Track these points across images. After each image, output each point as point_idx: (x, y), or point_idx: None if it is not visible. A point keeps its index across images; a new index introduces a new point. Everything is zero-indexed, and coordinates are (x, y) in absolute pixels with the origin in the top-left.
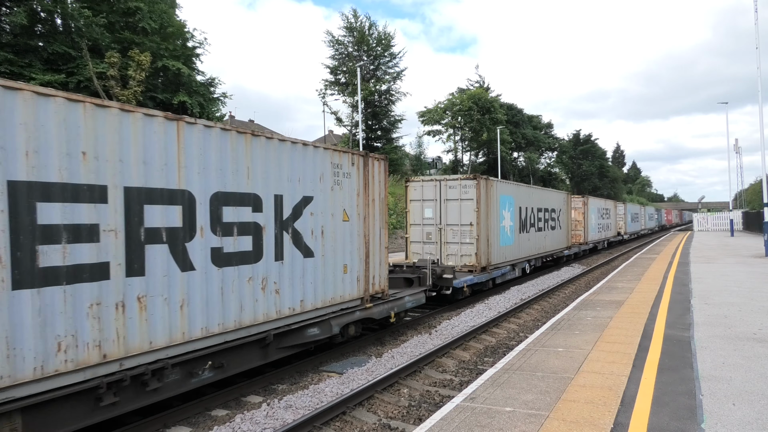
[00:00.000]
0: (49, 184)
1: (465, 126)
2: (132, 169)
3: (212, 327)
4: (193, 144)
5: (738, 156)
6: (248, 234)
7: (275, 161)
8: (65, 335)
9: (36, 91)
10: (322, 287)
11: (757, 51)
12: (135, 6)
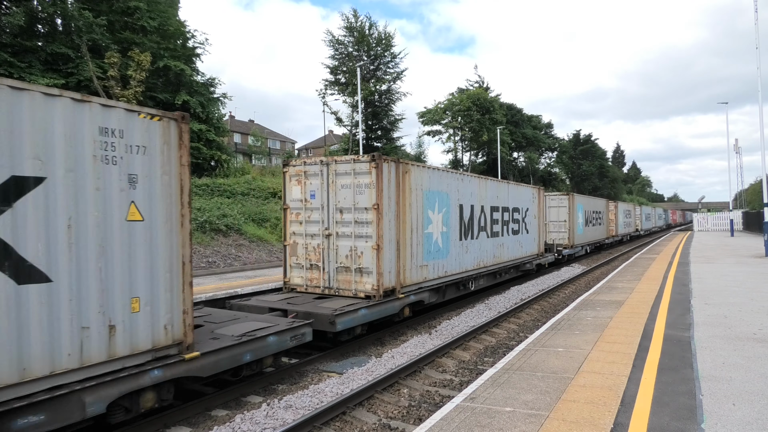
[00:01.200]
0: (493, 206)
1: (465, 126)
2: (502, 199)
3: None
4: (505, 189)
5: (738, 156)
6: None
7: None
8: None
9: None
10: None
11: (757, 51)
12: (134, 5)
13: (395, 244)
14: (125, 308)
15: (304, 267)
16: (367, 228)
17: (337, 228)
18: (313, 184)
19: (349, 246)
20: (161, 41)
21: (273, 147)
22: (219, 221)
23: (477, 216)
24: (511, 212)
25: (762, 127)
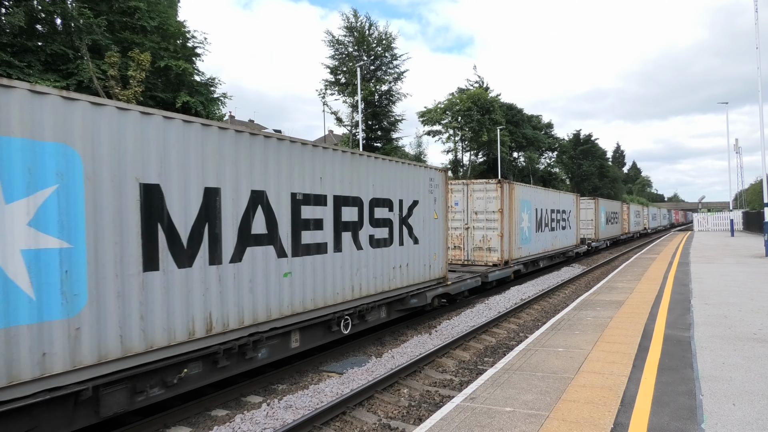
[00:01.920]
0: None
1: (465, 126)
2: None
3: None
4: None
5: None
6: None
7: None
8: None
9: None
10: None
11: (757, 51)
12: (134, 5)
13: (507, 234)
14: (431, 258)
15: (449, 248)
16: (494, 223)
17: (473, 223)
18: (456, 197)
19: (481, 234)
20: (161, 41)
21: None
22: None
23: (544, 216)
24: (560, 213)
25: (762, 127)
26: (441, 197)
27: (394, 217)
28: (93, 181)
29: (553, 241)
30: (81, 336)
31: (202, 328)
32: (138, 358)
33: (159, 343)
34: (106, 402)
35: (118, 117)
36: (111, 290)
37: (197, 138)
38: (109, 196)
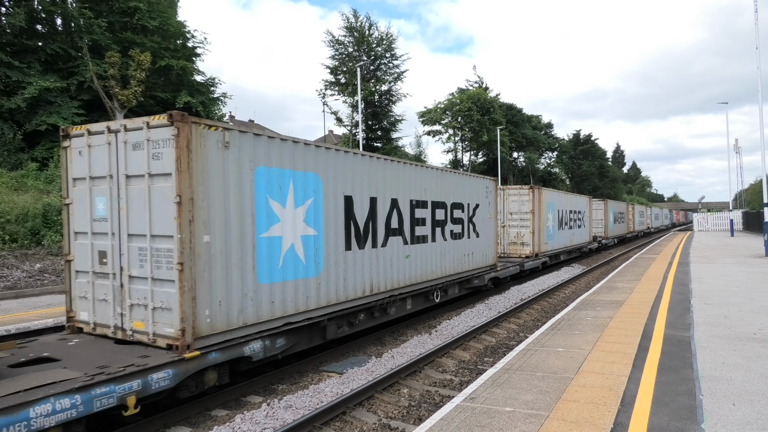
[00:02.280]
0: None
1: (465, 126)
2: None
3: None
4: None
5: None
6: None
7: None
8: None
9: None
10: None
11: (757, 51)
12: (134, 5)
13: (537, 231)
14: (489, 249)
15: None
16: (526, 222)
17: (508, 222)
18: None
19: (516, 231)
20: (161, 41)
21: None
22: None
23: (564, 216)
24: (577, 213)
25: (762, 127)
26: (492, 202)
27: (464, 217)
28: (326, 195)
29: (571, 238)
30: (320, 288)
31: (368, 289)
32: (341, 305)
33: (350, 297)
34: (328, 330)
35: (335, 155)
36: (332, 261)
37: (367, 165)
38: (332, 204)
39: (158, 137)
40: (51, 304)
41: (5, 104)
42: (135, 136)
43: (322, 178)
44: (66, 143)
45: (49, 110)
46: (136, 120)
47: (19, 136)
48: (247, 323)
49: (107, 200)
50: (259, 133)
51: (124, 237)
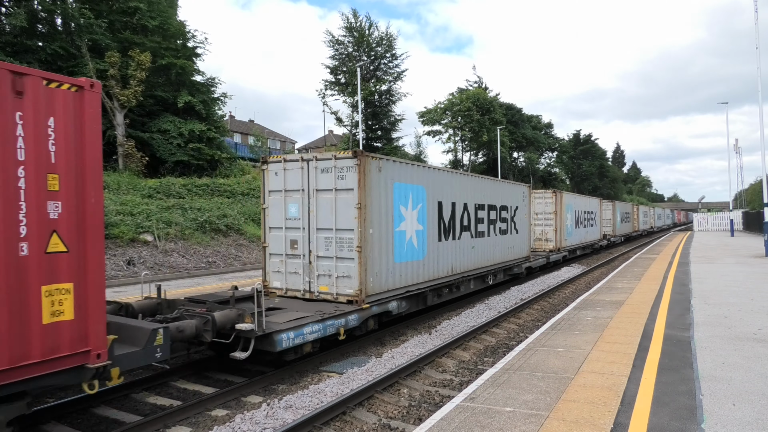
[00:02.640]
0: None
1: (465, 126)
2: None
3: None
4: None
5: (738, 156)
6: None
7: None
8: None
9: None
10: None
11: (757, 51)
12: (135, 5)
13: (559, 229)
14: (525, 243)
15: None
16: (550, 221)
17: (534, 221)
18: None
19: (541, 229)
20: (161, 41)
21: (273, 147)
22: (219, 221)
23: (580, 216)
24: (590, 214)
25: (762, 127)
26: (527, 204)
27: (509, 217)
28: (428, 201)
29: (585, 236)
30: (424, 268)
31: (450, 271)
32: (435, 281)
33: (440, 275)
34: (428, 299)
35: (432, 172)
36: (431, 249)
37: (449, 178)
38: (430, 207)
39: (342, 165)
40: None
41: None
42: (323, 164)
43: (426, 189)
44: (264, 167)
45: None
46: (326, 154)
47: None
48: (389, 289)
49: (299, 206)
50: (396, 159)
51: (313, 230)
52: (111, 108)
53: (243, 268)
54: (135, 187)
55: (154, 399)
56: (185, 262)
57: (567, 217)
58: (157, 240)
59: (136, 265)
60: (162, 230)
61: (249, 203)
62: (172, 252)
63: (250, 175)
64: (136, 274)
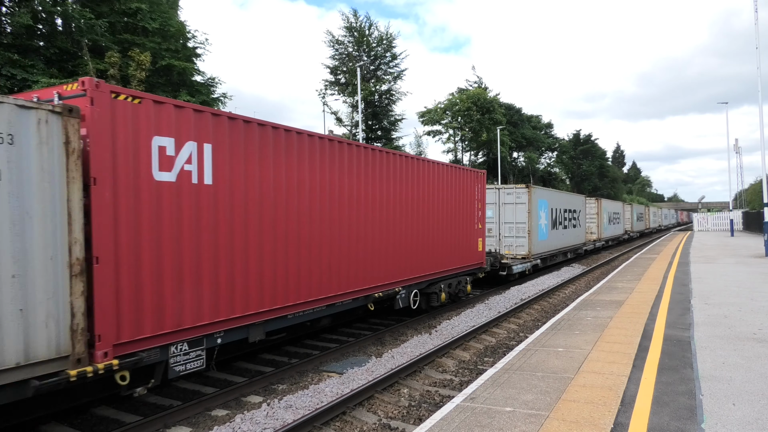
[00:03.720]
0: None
1: (465, 126)
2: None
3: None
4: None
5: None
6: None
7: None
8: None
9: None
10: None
11: (757, 51)
12: (136, 6)
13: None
14: (583, 235)
15: None
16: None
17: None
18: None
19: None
20: (162, 42)
21: None
22: None
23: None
24: (617, 215)
25: (762, 127)
26: (584, 208)
27: (576, 216)
28: (549, 207)
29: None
30: (547, 244)
31: (555, 248)
32: (550, 252)
33: (552, 249)
34: (547, 262)
35: (553, 192)
36: (549, 234)
37: (556, 194)
38: (549, 210)
39: (519, 191)
40: None
41: None
42: (507, 190)
43: (548, 201)
44: None
45: None
46: (509, 186)
47: None
48: (536, 253)
49: (493, 212)
50: (538, 186)
51: (502, 223)
52: None
53: None
54: None
55: (154, 399)
56: None
57: (604, 217)
58: None
59: None
60: None
61: None
62: None
63: None
64: None
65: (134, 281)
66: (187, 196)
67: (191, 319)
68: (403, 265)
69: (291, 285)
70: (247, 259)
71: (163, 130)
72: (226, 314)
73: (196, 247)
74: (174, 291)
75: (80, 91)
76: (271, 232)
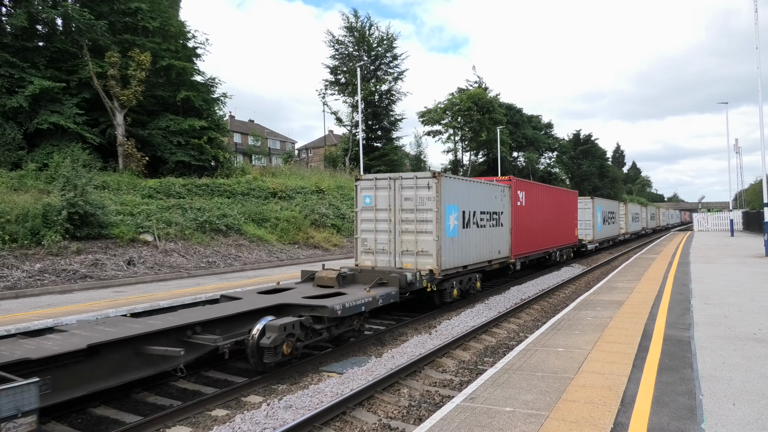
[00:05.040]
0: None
1: (465, 126)
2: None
3: None
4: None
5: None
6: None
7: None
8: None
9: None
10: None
11: (757, 51)
12: (136, 6)
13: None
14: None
15: None
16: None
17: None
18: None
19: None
20: (162, 42)
21: (273, 147)
22: (219, 221)
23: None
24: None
25: (762, 127)
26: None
27: (616, 217)
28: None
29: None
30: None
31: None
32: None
33: (597, 239)
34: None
35: (609, 202)
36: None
37: (606, 202)
38: (597, 212)
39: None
40: (51, 304)
41: (8, 102)
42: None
43: (601, 207)
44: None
45: (50, 109)
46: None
47: (19, 136)
48: None
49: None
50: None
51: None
52: (111, 108)
53: (243, 268)
54: (135, 187)
55: (154, 399)
56: (185, 262)
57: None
58: (157, 240)
59: (136, 265)
60: (162, 230)
61: (249, 203)
62: (172, 252)
63: (250, 176)
64: (136, 274)
65: (516, 236)
66: (521, 209)
67: (525, 250)
68: (551, 239)
69: (533, 243)
70: (532, 231)
71: (521, 189)
72: (527, 249)
73: (525, 225)
74: (521, 240)
75: (509, 179)
76: (531, 223)
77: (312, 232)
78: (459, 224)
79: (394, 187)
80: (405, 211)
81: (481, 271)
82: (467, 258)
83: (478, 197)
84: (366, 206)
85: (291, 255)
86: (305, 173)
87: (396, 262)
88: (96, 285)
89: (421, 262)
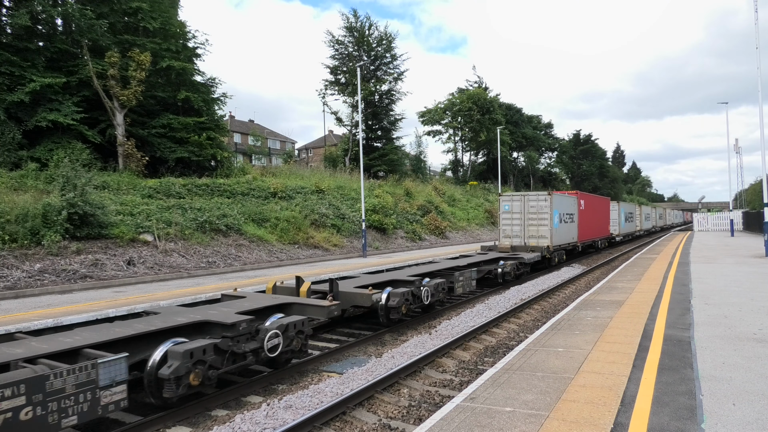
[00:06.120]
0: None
1: (465, 126)
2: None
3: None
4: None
5: (738, 156)
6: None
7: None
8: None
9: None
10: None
11: (757, 51)
12: (137, 6)
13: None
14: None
15: None
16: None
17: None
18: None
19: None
20: (162, 42)
21: (273, 147)
22: (219, 221)
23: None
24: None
25: (762, 127)
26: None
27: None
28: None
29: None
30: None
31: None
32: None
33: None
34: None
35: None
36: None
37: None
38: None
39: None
40: (51, 304)
41: (8, 98)
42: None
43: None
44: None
45: (49, 107)
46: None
47: (18, 135)
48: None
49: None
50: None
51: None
52: (111, 108)
53: (243, 268)
54: (135, 187)
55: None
56: (185, 262)
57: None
58: (157, 240)
59: (136, 265)
60: (162, 230)
61: (249, 203)
62: (172, 252)
63: (250, 176)
64: (136, 274)
65: (580, 229)
66: (582, 212)
67: (584, 238)
68: (596, 232)
69: (588, 234)
70: (588, 226)
71: (581, 198)
72: (585, 238)
73: (583, 222)
74: (582, 232)
75: (576, 193)
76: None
77: (312, 232)
78: (558, 221)
79: (524, 200)
80: (530, 213)
81: (564, 250)
82: (561, 240)
83: (565, 205)
84: (505, 210)
85: (291, 255)
86: (305, 173)
87: (525, 241)
88: (96, 285)
89: (541, 241)
